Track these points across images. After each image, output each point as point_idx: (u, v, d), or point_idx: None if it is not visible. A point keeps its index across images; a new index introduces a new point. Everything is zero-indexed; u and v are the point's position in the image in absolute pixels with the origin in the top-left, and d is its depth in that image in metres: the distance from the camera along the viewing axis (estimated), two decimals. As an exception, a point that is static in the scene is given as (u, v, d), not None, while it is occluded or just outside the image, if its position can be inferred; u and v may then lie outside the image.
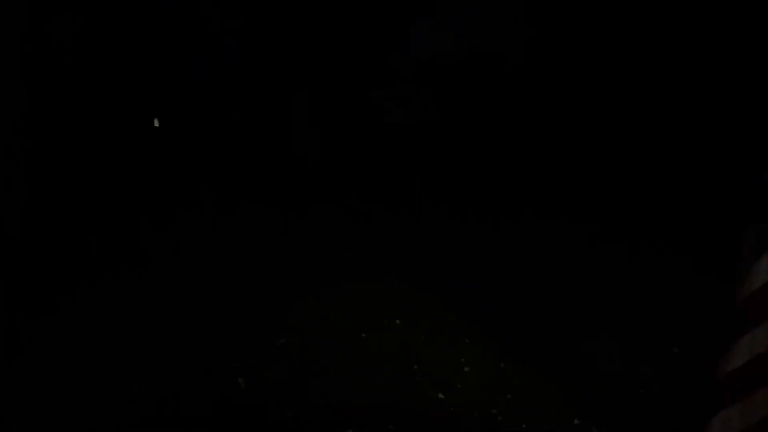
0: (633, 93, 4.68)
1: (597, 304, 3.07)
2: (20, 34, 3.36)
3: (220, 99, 5.14)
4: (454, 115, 5.35)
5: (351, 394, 2.35)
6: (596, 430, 2.20)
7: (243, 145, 4.97)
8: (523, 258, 3.59)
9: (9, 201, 3.34)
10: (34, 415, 2.19)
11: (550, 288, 3.26)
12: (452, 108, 5.38)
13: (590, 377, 2.54)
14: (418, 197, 4.63)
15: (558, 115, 4.95)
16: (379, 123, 5.60)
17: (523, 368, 2.57)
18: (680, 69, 4.50)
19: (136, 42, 4.37)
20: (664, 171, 4.37)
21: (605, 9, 4.72)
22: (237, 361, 2.56)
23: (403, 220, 4.25)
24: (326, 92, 5.49)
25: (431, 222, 4.20)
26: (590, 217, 4.06)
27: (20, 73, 3.38)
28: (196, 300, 3.13)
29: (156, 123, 4.80)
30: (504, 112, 5.13)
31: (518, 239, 3.84)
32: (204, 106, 5.09)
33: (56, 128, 3.59)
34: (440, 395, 2.37)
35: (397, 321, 2.94)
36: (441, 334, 2.84)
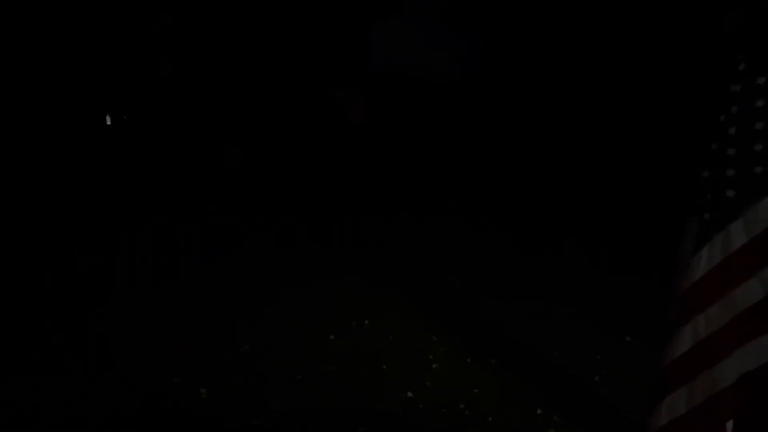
0: (569, 99, 4.96)
1: (554, 300, 3.21)
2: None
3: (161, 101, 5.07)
4: (410, 118, 5.46)
5: (318, 398, 2.33)
6: (557, 418, 2.31)
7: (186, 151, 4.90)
8: (486, 257, 3.70)
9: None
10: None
11: (512, 286, 3.38)
12: (408, 111, 5.49)
13: (550, 368, 2.65)
14: (383, 197, 4.66)
15: (498, 123, 5.18)
16: (341, 123, 5.61)
17: (488, 363, 2.65)
18: (612, 69, 4.80)
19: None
20: (598, 172, 4.65)
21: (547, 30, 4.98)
22: (199, 371, 2.48)
23: (367, 221, 4.27)
24: (285, 93, 5.46)
25: (395, 222, 4.23)
26: (544, 217, 4.24)
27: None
28: (157, 308, 3.02)
29: (108, 121, 4.67)
30: (452, 120, 5.31)
31: (480, 239, 3.95)
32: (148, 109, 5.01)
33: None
34: (409, 394, 2.39)
35: (366, 321, 2.95)
36: (410, 333, 2.87)
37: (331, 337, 2.77)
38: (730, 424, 1.37)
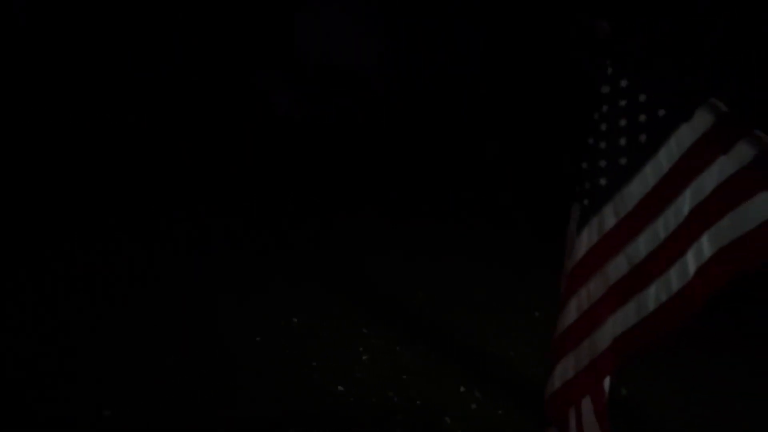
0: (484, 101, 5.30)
1: (471, 287, 3.42)
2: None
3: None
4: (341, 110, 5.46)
5: (247, 402, 2.28)
6: (478, 393, 2.50)
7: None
8: (410, 252, 3.82)
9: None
10: None
11: (433, 276, 3.53)
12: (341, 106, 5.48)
13: (471, 348, 2.85)
14: (308, 193, 4.62)
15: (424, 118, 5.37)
16: (272, 116, 5.44)
17: (416, 349, 2.78)
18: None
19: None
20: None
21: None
22: (126, 380, 2.31)
23: (290, 218, 4.21)
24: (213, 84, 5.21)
25: (319, 218, 4.22)
26: (470, 214, 4.48)
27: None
28: (91, 322, 2.72)
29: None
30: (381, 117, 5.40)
31: (402, 235, 4.06)
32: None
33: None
34: (340, 387, 2.43)
35: (294, 320, 2.92)
36: (339, 327, 2.90)
37: (258, 338, 2.71)
38: (607, 380, 1.60)
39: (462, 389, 2.52)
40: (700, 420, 2.40)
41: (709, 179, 1.41)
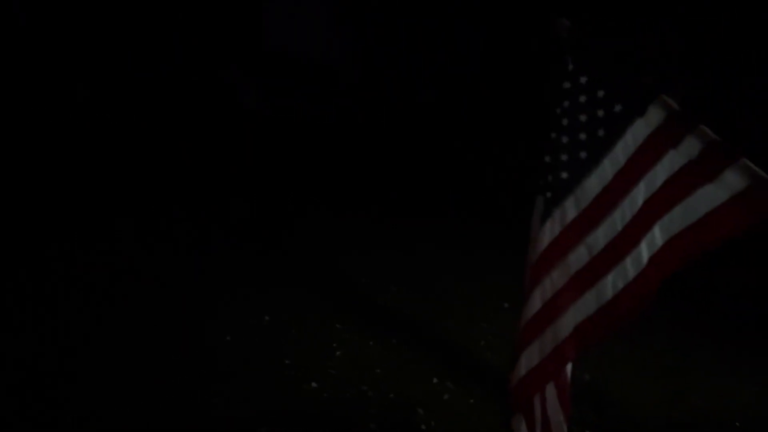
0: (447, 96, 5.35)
1: (440, 281, 3.47)
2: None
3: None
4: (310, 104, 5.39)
5: (217, 404, 2.24)
6: (450, 384, 2.54)
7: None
8: (383, 247, 3.83)
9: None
10: None
11: (406, 270, 3.56)
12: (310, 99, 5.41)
13: (443, 340, 2.90)
14: (277, 186, 4.55)
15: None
16: (237, 109, 5.32)
17: (389, 343, 2.80)
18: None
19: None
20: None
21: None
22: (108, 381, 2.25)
23: (260, 212, 4.14)
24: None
25: (290, 213, 4.18)
26: (442, 208, 4.53)
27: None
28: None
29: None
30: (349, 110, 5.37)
31: (375, 230, 4.07)
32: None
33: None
34: (313, 384, 2.42)
35: (266, 318, 2.88)
36: (312, 324, 2.88)
37: (228, 338, 2.66)
38: (569, 367, 1.67)
39: (435, 380, 2.56)
40: (662, 401, 2.54)
41: (661, 172, 1.48)
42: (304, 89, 5.57)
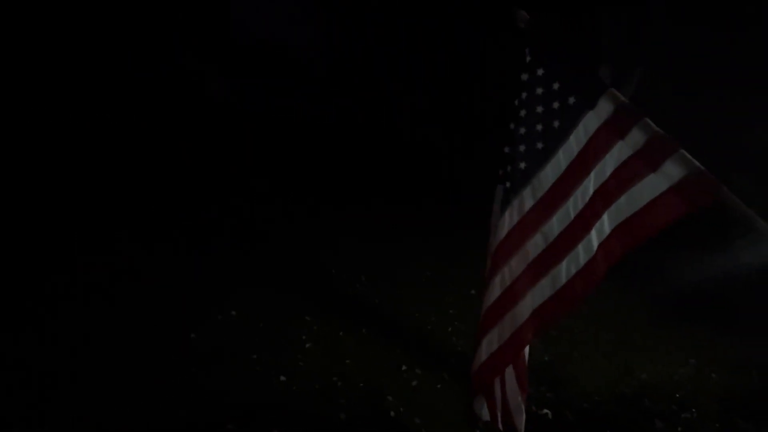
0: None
1: (408, 268, 3.52)
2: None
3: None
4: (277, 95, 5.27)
5: (183, 401, 2.20)
6: (419, 370, 2.60)
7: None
8: (353, 238, 3.83)
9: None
10: None
11: (375, 260, 3.58)
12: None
13: (412, 328, 2.95)
14: (243, 176, 4.45)
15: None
16: (199, 98, 5.14)
17: (359, 333, 2.82)
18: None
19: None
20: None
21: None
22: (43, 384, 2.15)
23: (223, 204, 4.05)
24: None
25: (254, 205, 4.10)
26: (409, 197, 4.55)
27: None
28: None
29: None
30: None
31: (345, 221, 4.06)
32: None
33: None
34: (282, 378, 2.42)
35: (233, 313, 2.84)
36: (281, 317, 2.86)
37: (192, 335, 2.61)
38: (527, 350, 1.74)
39: (404, 368, 2.61)
40: (612, 377, 2.69)
41: (610, 162, 1.55)
42: (275, 82, 5.42)
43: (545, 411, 2.32)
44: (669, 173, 1.45)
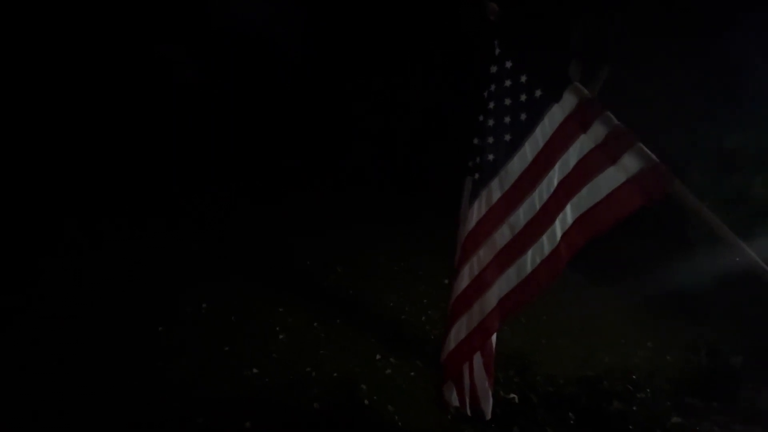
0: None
1: (383, 257, 3.56)
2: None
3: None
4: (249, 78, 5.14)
5: (153, 395, 2.17)
6: (393, 359, 2.64)
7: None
8: (328, 229, 3.81)
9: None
10: None
11: (350, 250, 3.59)
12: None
13: (386, 317, 2.98)
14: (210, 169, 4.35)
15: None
16: (167, 82, 4.96)
17: (333, 324, 2.83)
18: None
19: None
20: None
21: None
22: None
23: (193, 198, 3.95)
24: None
25: (225, 199, 4.03)
26: (384, 186, 4.56)
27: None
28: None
29: None
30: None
31: (320, 212, 4.03)
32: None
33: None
34: (254, 370, 2.40)
35: (204, 305, 2.79)
36: (253, 310, 2.83)
37: (160, 329, 2.55)
38: (494, 336, 1.80)
39: (378, 357, 2.63)
40: (577, 360, 2.81)
41: (573, 155, 1.59)
42: (242, 63, 5.28)
43: (512, 395, 2.40)
44: (626, 166, 1.50)
